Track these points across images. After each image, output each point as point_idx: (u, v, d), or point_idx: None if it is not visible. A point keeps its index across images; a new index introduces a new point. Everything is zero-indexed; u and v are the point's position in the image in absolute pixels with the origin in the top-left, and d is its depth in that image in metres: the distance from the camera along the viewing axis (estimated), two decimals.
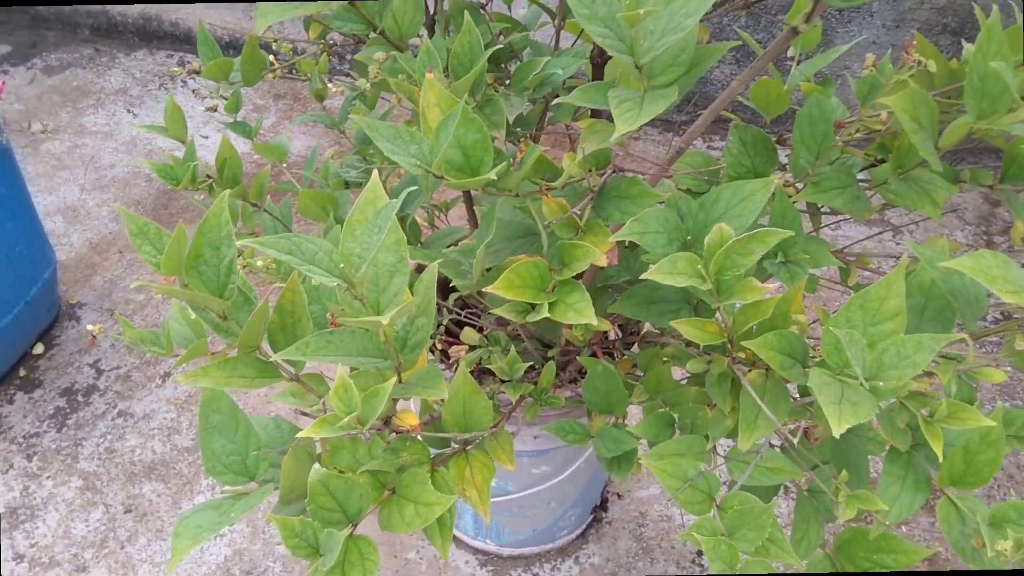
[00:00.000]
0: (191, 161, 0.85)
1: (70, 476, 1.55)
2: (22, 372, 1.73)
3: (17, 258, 1.63)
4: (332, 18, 0.75)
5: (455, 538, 1.44)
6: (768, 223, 0.77)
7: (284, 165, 1.19)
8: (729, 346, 0.66)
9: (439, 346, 1.09)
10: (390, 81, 0.70)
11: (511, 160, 0.73)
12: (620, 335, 1.02)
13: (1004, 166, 0.83)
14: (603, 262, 0.68)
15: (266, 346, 0.64)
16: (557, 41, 0.95)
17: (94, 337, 0.80)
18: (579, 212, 0.70)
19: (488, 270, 0.77)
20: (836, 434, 0.54)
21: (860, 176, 0.85)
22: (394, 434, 0.71)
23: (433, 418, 0.81)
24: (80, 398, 1.69)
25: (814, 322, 0.82)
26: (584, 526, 1.44)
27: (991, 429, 0.63)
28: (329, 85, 1.13)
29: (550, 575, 1.40)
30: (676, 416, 0.79)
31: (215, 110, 1.15)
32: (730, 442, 0.75)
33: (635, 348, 0.99)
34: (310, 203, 1.03)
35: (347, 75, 0.98)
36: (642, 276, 0.58)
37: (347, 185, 1.07)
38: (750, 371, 0.68)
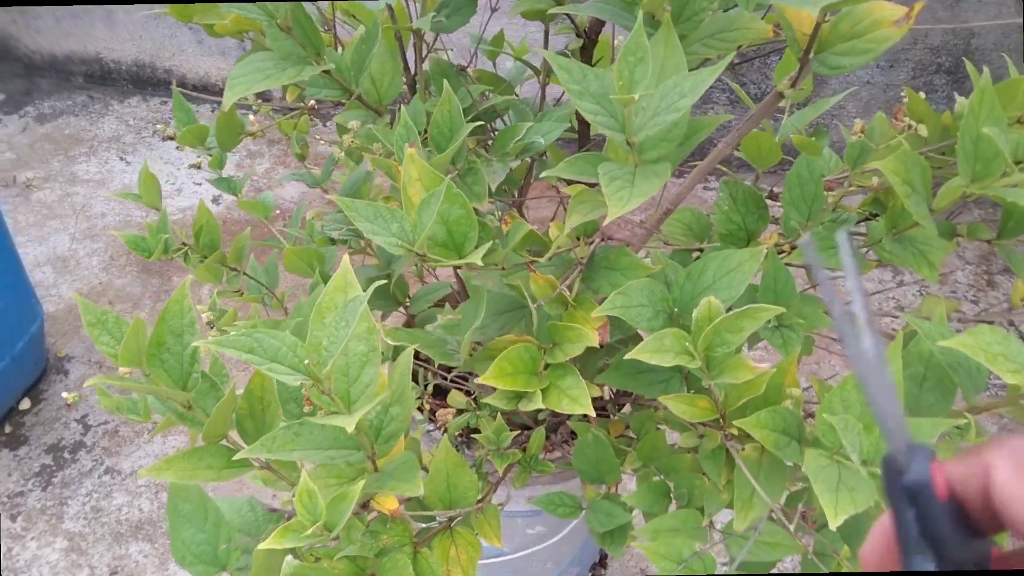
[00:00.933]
0: (163, 233, 0.83)
1: (55, 537, 1.51)
2: (8, 428, 1.70)
3: (1, 314, 1.60)
4: (307, 84, 0.73)
5: None
6: (760, 284, 0.75)
7: (277, 211, 1.17)
8: (722, 421, 0.63)
9: (427, 406, 1.06)
10: (368, 157, 0.68)
11: (498, 226, 0.71)
12: (613, 395, 0.99)
13: (1002, 220, 0.81)
14: (595, 342, 0.65)
15: (236, 434, 0.61)
16: (542, 99, 0.93)
17: (69, 405, 0.77)
18: (568, 286, 0.67)
19: (478, 344, 0.75)
20: (833, 526, 0.51)
21: (856, 229, 0.83)
22: (374, 513, 0.68)
23: None
24: (67, 455, 1.66)
25: (807, 387, 0.79)
26: None
27: None
28: (317, 136, 1.12)
29: None
30: (671, 484, 0.76)
31: (199, 167, 1.14)
32: (729, 512, 0.72)
33: (628, 408, 0.96)
34: (296, 260, 1.01)
35: (333, 122, 0.96)
36: (627, 356, 0.55)
37: (333, 241, 1.06)
38: (745, 447, 0.65)
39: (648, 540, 0.69)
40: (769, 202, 0.89)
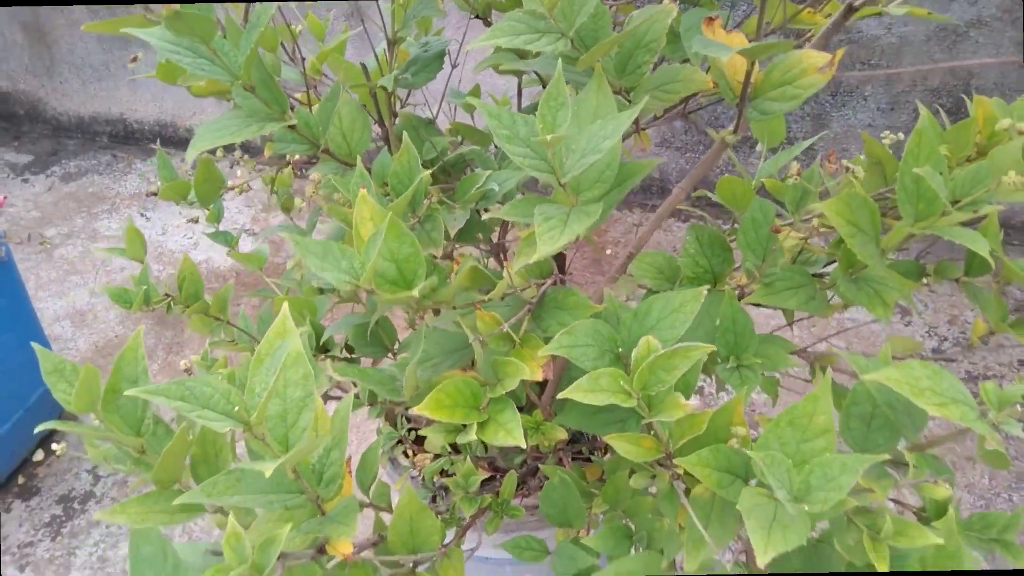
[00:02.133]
0: (143, 285, 0.86)
1: None
2: (21, 480, 1.73)
3: (17, 368, 1.65)
4: (276, 139, 0.76)
5: None
6: (720, 326, 0.76)
7: (279, 259, 1.20)
8: (669, 461, 0.64)
9: (411, 454, 1.07)
10: (324, 206, 0.71)
11: (448, 272, 0.73)
12: (592, 439, 1.00)
13: (967, 259, 0.81)
14: (538, 377, 0.67)
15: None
16: None
17: (58, 457, 0.80)
18: (514, 325, 0.69)
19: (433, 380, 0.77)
20: (762, 564, 0.52)
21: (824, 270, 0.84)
22: (334, 560, 0.69)
23: (383, 537, 0.79)
24: (76, 505, 1.69)
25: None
26: None
27: (944, 544, 0.60)
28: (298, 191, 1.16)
29: None
30: (633, 527, 0.77)
31: (196, 221, 1.18)
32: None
33: (610, 455, 0.96)
34: (293, 308, 1.04)
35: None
36: (559, 395, 0.57)
37: (322, 291, 1.08)
38: (694, 487, 0.66)
39: None
40: (735, 246, 0.91)
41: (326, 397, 1.10)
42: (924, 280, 0.84)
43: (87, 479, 1.74)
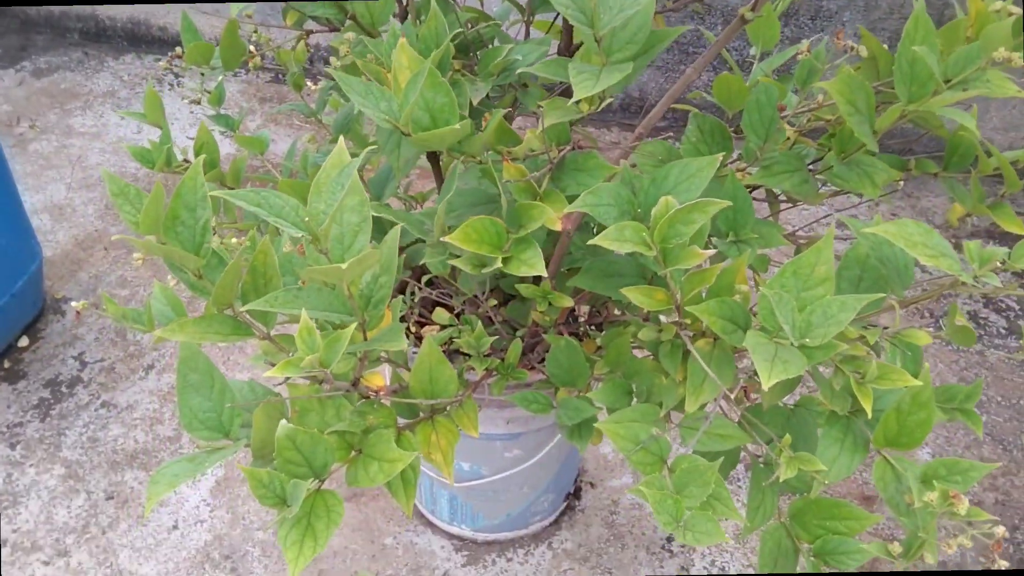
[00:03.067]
0: (166, 144, 0.88)
1: (53, 464, 1.58)
2: (7, 364, 1.76)
3: (2, 252, 1.65)
4: (306, 2, 0.79)
5: (431, 524, 1.47)
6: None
7: (268, 165, 1.23)
8: (677, 313, 0.70)
9: (413, 330, 1.12)
10: (358, 63, 0.75)
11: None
12: (588, 317, 1.06)
13: (946, 155, 0.88)
14: (558, 226, 0.72)
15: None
16: (527, 36, 0.99)
17: (78, 313, 0.84)
18: (538, 179, 0.74)
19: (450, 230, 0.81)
20: (765, 386, 0.58)
21: (812, 166, 0.90)
22: (363, 399, 0.75)
23: (402, 387, 0.85)
24: (64, 389, 1.72)
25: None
26: (557, 513, 1.48)
27: (920, 390, 0.68)
28: (308, 83, 1.18)
29: (524, 560, 1.44)
30: (633, 385, 0.83)
31: (199, 103, 1.19)
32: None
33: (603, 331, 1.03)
34: (291, 192, 1.07)
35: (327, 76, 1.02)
36: (590, 241, 0.62)
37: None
38: (698, 339, 0.73)
39: (610, 425, 0.76)
40: (735, 135, 0.96)
41: None
42: (904, 174, 0.91)
43: (74, 364, 1.77)
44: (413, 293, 1.01)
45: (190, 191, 0.61)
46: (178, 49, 0.91)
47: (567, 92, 1.03)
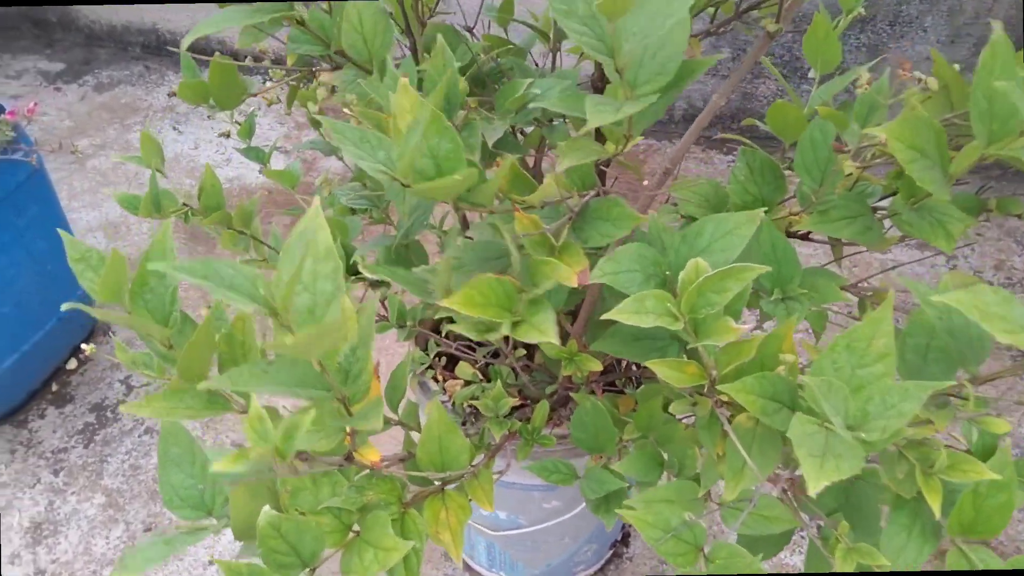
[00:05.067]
0: (153, 190, 0.84)
1: (94, 492, 1.56)
2: (55, 387, 1.76)
3: (50, 276, 1.65)
4: (289, 39, 0.73)
5: (469, 568, 1.40)
6: (761, 258, 0.73)
7: (310, 178, 1.17)
8: (712, 389, 0.61)
9: (440, 378, 1.06)
10: (352, 110, 0.68)
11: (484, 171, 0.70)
12: (624, 369, 0.97)
13: None
14: (574, 282, 0.64)
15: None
16: (553, 65, 0.91)
17: (87, 357, 0.79)
18: (554, 231, 0.66)
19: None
20: (812, 492, 0.49)
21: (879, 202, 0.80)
22: (362, 471, 0.68)
23: (411, 454, 0.78)
24: (109, 414, 1.71)
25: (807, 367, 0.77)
26: (602, 562, 1.39)
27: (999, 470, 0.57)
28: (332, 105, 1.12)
29: None
30: (665, 454, 0.75)
31: (228, 136, 1.15)
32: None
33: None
34: None
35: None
36: (603, 316, 0.54)
37: (353, 211, 1.06)
38: (737, 415, 0.63)
39: (635, 510, 0.68)
40: (788, 173, 0.87)
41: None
42: (984, 216, 0.80)
43: (120, 388, 1.76)
44: (437, 346, 0.94)
45: (159, 255, 0.55)
46: (174, 87, 0.86)
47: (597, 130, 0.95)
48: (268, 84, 0.97)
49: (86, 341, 1.85)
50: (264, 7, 0.67)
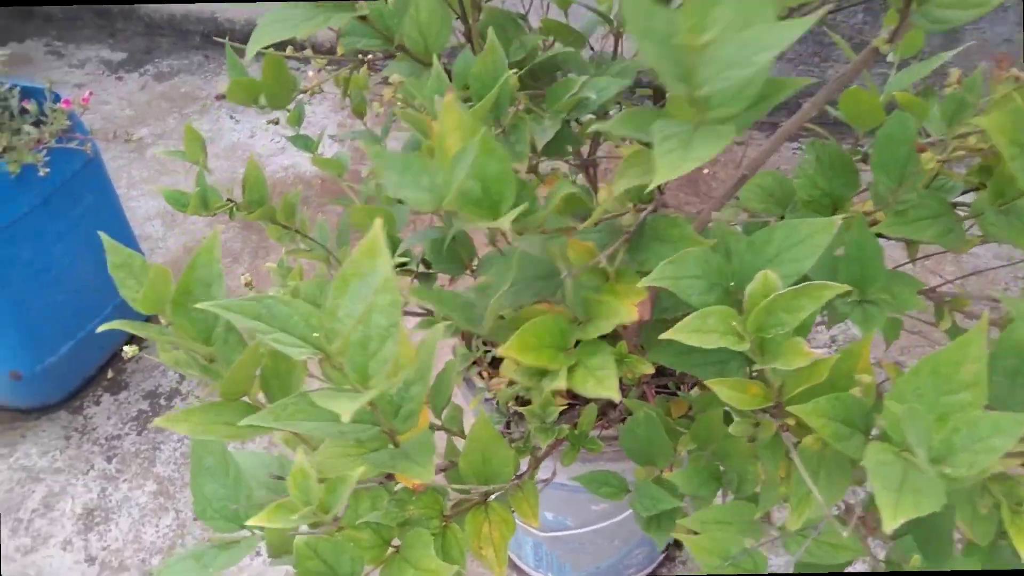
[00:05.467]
0: (201, 186, 0.82)
1: (146, 480, 1.57)
2: (110, 374, 1.78)
3: (105, 264, 1.66)
4: (345, 33, 0.70)
5: (516, 567, 1.37)
6: (844, 255, 0.68)
7: (345, 187, 1.15)
8: (777, 411, 0.57)
9: (485, 375, 1.02)
10: (397, 113, 0.65)
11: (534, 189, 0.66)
12: (678, 373, 0.93)
13: None
14: (634, 318, 0.60)
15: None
16: (615, 53, 0.87)
17: (132, 358, 0.78)
18: (609, 257, 0.62)
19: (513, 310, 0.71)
20: (887, 529, 0.45)
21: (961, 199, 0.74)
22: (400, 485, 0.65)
23: (453, 463, 0.75)
24: (163, 402, 1.72)
25: (884, 381, 0.71)
26: (654, 565, 1.35)
27: None
28: (379, 94, 1.09)
29: None
30: (723, 468, 0.70)
31: (276, 123, 1.12)
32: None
33: (696, 389, 0.89)
34: (363, 218, 0.99)
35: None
36: (662, 336, 0.50)
37: (400, 201, 1.03)
38: (804, 439, 0.59)
39: (695, 530, 0.64)
40: (862, 166, 0.81)
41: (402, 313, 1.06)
42: None
43: (173, 376, 1.77)
44: (478, 347, 0.91)
45: (205, 265, 0.53)
46: (220, 87, 0.84)
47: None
48: (311, 74, 0.94)
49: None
50: (327, 7, 0.64)
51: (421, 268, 1.00)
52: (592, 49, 0.93)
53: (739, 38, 0.49)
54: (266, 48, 0.71)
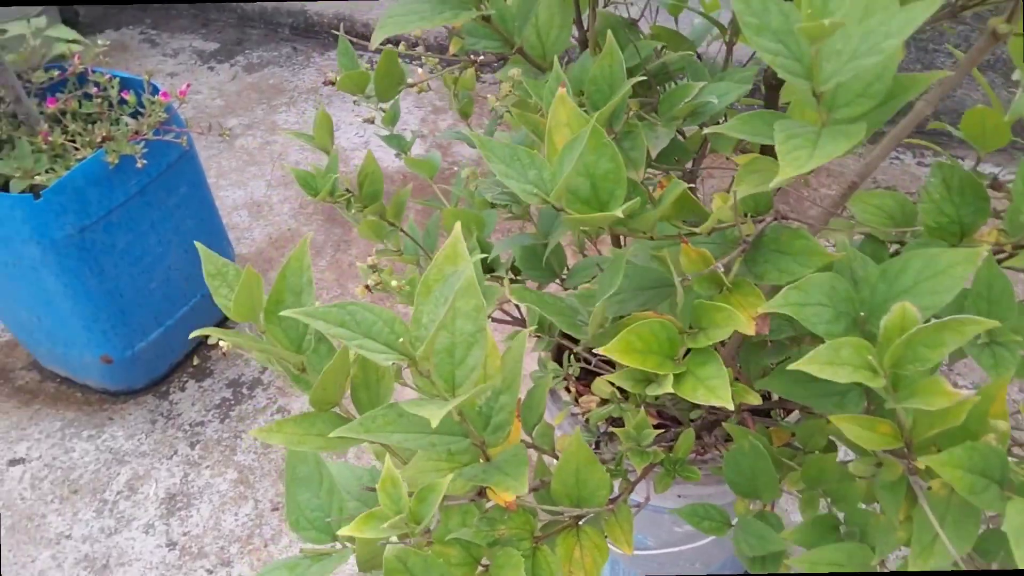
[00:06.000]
0: (332, 173, 0.81)
1: (227, 468, 1.60)
2: (196, 361, 1.81)
3: (195, 253, 1.69)
4: (465, 33, 0.68)
5: None
6: (971, 290, 0.63)
7: (445, 163, 1.13)
8: (907, 451, 0.53)
9: (572, 389, 1.00)
10: (512, 112, 0.62)
11: (650, 195, 0.63)
12: (780, 397, 0.88)
13: None
14: (751, 330, 0.56)
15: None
16: (727, 59, 0.83)
17: (225, 354, 0.78)
18: (725, 266, 0.58)
19: (618, 319, 0.68)
20: None
21: None
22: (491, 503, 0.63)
23: (544, 483, 0.72)
24: (245, 391, 1.75)
25: (1015, 412, 0.66)
26: None
27: None
28: (484, 95, 1.07)
29: None
30: (841, 516, 0.66)
31: (372, 122, 1.12)
32: (905, 549, 0.61)
33: (795, 414, 0.85)
34: (455, 221, 0.98)
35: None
36: (791, 366, 0.46)
37: (493, 205, 1.01)
38: (932, 483, 0.54)
39: (805, 572, 0.60)
40: (991, 192, 0.76)
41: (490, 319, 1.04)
42: None
43: (256, 366, 1.80)
44: (569, 361, 0.88)
45: (296, 273, 0.52)
46: (329, 74, 0.83)
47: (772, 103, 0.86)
48: (418, 69, 0.93)
49: (227, 318, 1.90)
50: (453, 3, 0.62)
51: (510, 275, 0.98)
52: (699, 58, 0.89)
53: (864, 25, 0.46)
54: (383, 43, 0.70)
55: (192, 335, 0.53)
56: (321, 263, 2.03)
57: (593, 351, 0.92)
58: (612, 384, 0.83)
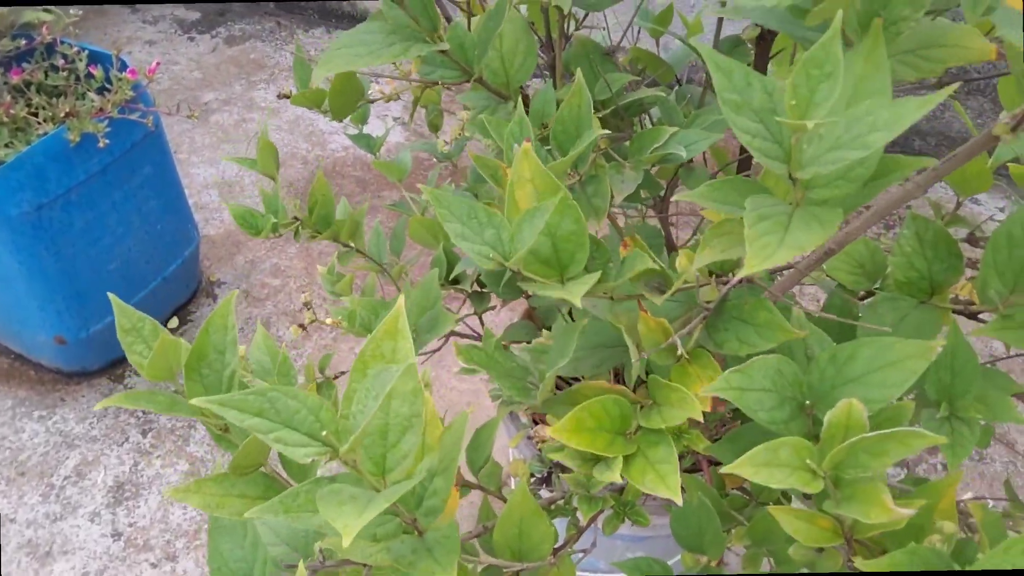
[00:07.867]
0: (272, 211, 0.77)
1: (178, 459, 1.57)
2: None
3: (158, 235, 1.65)
4: (421, 62, 0.65)
5: None
6: (934, 362, 0.61)
7: (406, 195, 1.11)
8: (847, 545, 0.51)
9: (530, 415, 0.98)
10: (471, 156, 0.59)
11: (618, 244, 0.60)
12: None
13: None
14: (706, 409, 0.54)
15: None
16: (704, 92, 0.80)
17: (189, 318, 0.75)
18: (686, 335, 0.56)
19: (572, 379, 0.65)
20: None
21: None
22: None
23: (487, 528, 0.70)
24: None
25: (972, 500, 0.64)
26: None
27: None
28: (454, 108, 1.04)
29: None
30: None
31: (340, 120, 1.08)
32: None
33: None
34: (421, 230, 0.95)
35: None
36: (723, 469, 0.44)
37: None
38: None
39: None
40: (967, 247, 0.74)
41: (452, 334, 1.01)
42: None
43: None
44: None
45: (219, 330, 0.50)
46: (286, 87, 0.79)
47: (746, 163, 0.84)
48: (382, 86, 0.90)
49: (189, 302, 1.86)
50: (405, 34, 0.59)
51: (475, 288, 0.95)
52: (680, 82, 0.87)
53: (849, 112, 0.44)
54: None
55: (97, 407, 0.50)
56: (291, 250, 1.99)
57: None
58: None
